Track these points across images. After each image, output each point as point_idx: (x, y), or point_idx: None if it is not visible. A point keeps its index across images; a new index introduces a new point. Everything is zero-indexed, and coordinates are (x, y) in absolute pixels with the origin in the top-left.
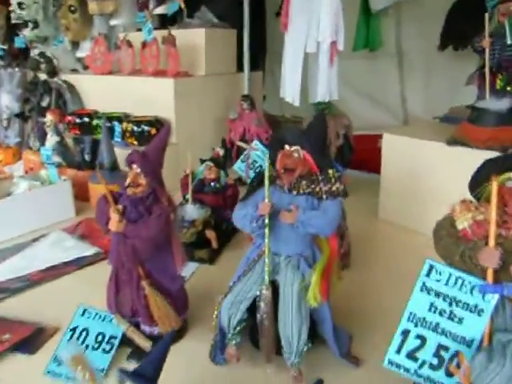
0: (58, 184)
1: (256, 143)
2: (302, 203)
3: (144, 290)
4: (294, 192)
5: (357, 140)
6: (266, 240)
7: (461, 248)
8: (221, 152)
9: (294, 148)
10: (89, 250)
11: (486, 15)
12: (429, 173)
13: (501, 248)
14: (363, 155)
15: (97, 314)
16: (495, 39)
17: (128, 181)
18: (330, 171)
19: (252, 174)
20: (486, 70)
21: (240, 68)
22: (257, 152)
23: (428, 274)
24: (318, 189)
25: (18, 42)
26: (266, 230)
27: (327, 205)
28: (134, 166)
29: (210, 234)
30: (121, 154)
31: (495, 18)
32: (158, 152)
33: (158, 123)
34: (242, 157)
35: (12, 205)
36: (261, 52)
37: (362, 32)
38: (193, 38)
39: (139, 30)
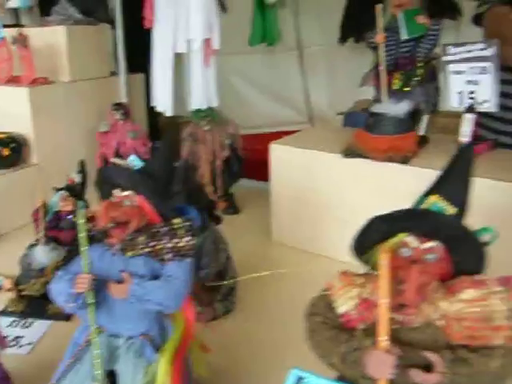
0: None
1: (133, 159)
2: (139, 268)
3: None
4: (129, 253)
5: (249, 140)
6: (91, 325)
7: (341, 349)
8: (76, 178)
9: (124, 194)
10: None
11: (379, 7)
12: (325, 188)
13: (396, 343)
14: (255, 158)
15: None
16: (389, 34)
17: None
18: (176, 220)
19: None
20: (381, 68)
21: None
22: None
23: None
24: (159, 246)
25: None
26: (90, 313)
27: (170, 269)
28: None
29: None
30: None
31: (388, 11)
32: None
33: (12, 142)
34: None
35: None
36: (144, 50)
37: (257, 26)
38: (52, 37)
39: None
